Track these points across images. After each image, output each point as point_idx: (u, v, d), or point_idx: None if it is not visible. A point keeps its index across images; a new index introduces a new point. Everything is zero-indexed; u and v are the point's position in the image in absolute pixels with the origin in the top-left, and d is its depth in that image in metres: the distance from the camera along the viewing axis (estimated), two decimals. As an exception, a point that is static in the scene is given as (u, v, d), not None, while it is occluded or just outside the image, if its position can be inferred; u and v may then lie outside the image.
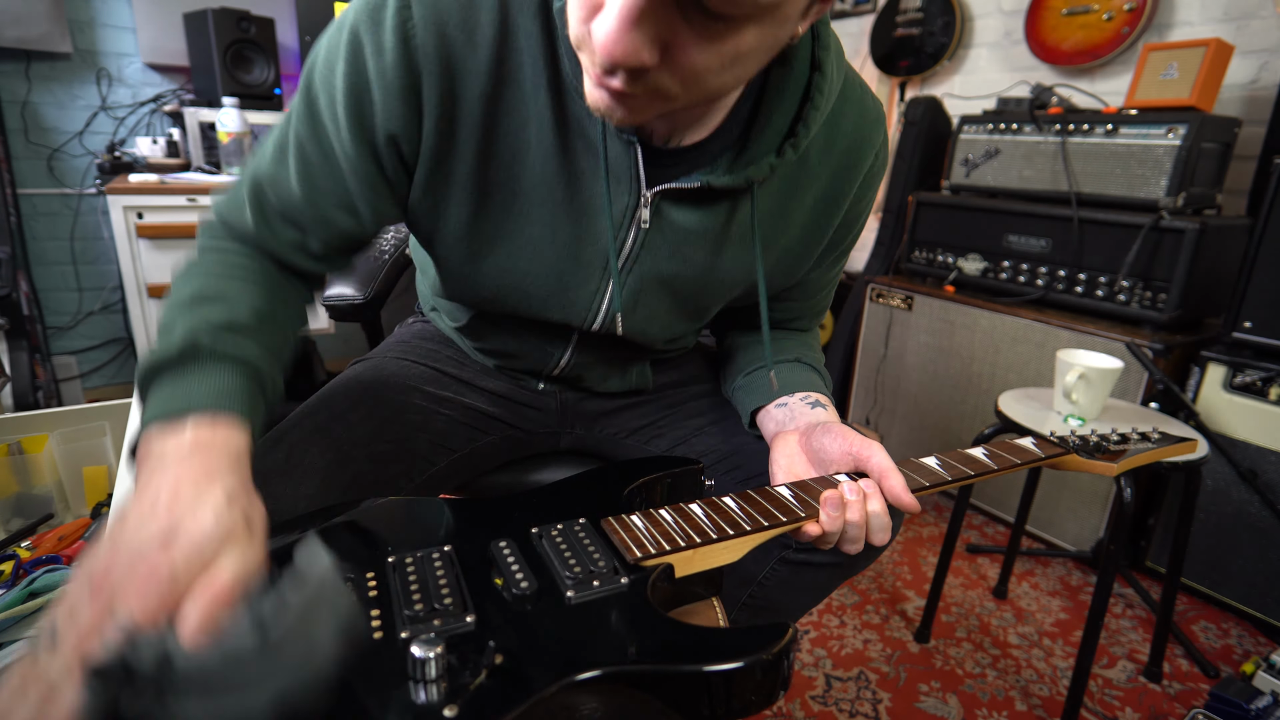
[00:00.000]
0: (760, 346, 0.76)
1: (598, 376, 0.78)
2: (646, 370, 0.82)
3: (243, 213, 0.58)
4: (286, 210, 0.57)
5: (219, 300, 0.52)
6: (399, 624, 0.41)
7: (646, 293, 0.65)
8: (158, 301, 1.74)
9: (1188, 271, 1.49)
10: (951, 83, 2.36)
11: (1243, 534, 1.45)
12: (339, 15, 0.55)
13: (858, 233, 0.72)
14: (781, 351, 0.75)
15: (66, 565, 0.88)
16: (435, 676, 0.37)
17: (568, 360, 0.74)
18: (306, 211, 0.57)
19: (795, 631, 0.43)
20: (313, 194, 0.56)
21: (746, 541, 0.53)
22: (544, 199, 0.58)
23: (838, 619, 1.46)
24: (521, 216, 0.59)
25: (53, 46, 1.93)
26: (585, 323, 0.67)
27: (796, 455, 0.64)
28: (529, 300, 0.64)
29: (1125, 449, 0.72)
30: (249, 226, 0.58)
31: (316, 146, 0.55)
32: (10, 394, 1.81)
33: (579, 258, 0.61)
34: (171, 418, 0.44)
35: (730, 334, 0.83)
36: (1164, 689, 1.31)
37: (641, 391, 0.83)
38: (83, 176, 2.12)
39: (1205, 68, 1.51)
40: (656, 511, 0.54)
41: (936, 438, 1.97)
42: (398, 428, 0.69)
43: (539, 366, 0.76)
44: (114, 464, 1.10)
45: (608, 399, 0.82)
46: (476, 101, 0.53)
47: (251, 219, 0.58)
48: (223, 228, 0.60)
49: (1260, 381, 1.40)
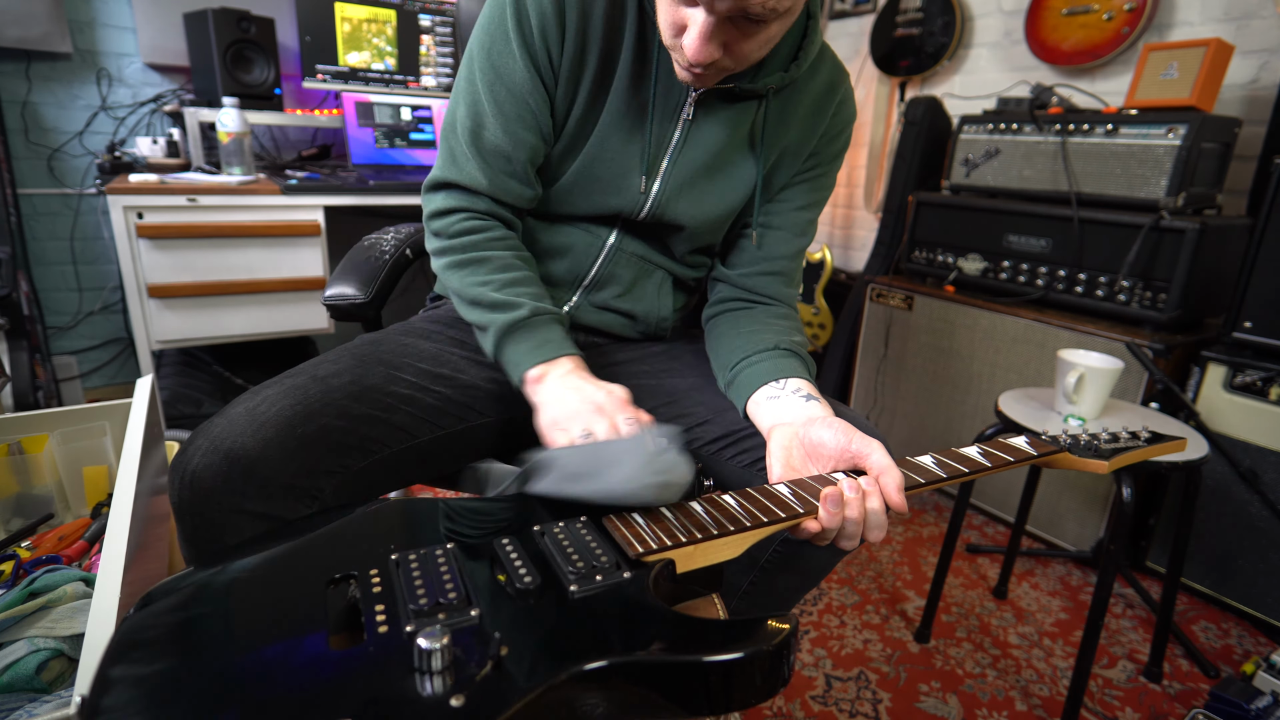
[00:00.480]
0: (740, 337, 0.82)
1: (627, 278, 0.87)
2: (668, 287, 0.90)
3: (468, 166, 0.75)
4: (497, 145, 0.74)
5: (518, 270, 0.75)
6: (404, 618, 0.41)
7: (687, 177, 0.79)
8: (158, 301, 1.74)
9: (1188, 271, 1.49)
10: (951, 83, 2.36)
11: (1243, 534, 1.45)
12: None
13: (831, 168, 0.86)
14: (759, 343, 0.79)
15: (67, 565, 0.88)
16: (441, 668, 0.37)
17: (609, 250, 0.84)
18: (506, 140, 0.74)
19: (796, 623, 0.43)
20: (507, 123, 0.74)
21: (746, 537, 0.54)
22: (622, 104, 0.75)
23: (838, 619, 1.46)
24: (607, 115, 0.76)
25: (53, 46, 1.93)
26: (637, 206, 0.80)
27: (794, 448, 0.66)
28: (596, 184, 0.79)
29: (1117, 447, 0.73)
30: (480, 178, 0.75)
31: (500, 84, 0.73)
32: (10, 394, 1.81)
33: (636, 144, 0.77)
34: (548, 359, 0.70)
35: (716, 319, 0.88)
36: (1164, 689, 1.31)
37: (657, 338, 0.93)
38: (83, 176, 2.12)
39: (1205, 68, 1.51)
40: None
41: (937, 438, 1.97)
42: (379, 396, 0.71)
43: (576, 268, 0.85)
44: (114, 464, 1.10)
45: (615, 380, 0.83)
46: (600, 23, 0.72)
47: (479, 168, 0.75)
48: (458, 196, 0.76)
49: (1260, 381, 1.40)
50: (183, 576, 0.46)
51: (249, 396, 0.65)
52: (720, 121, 0.78)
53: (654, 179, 0.79)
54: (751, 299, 0.86)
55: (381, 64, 2.23)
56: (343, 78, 2.17)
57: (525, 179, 0.77)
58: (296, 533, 0.52)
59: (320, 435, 0.64)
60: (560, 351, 0.71)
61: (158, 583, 0.45)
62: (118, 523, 0.70)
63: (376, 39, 2.20)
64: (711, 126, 0.78)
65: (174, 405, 1.85)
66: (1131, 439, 0.76)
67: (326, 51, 2.13)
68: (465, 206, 0.77)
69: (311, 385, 0.67)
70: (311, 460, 0.63)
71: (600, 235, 0.84)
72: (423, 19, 2.26)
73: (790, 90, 0.79)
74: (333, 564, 0.47)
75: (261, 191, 1.80)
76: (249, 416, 0.62)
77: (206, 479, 0.58)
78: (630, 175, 0.78)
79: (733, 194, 0.83)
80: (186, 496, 0.59)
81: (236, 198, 1.77)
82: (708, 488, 0.64)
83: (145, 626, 0.41)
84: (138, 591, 0.73)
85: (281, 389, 0.66)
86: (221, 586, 0.46)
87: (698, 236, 0.85)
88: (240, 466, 0.59)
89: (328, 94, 2.32)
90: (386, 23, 2.20)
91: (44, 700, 0.65)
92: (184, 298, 1.77)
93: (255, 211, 1.80)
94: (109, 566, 0.64)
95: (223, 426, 0.61)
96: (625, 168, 0.78)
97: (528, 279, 0.75)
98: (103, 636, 0.55)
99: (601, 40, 0.73)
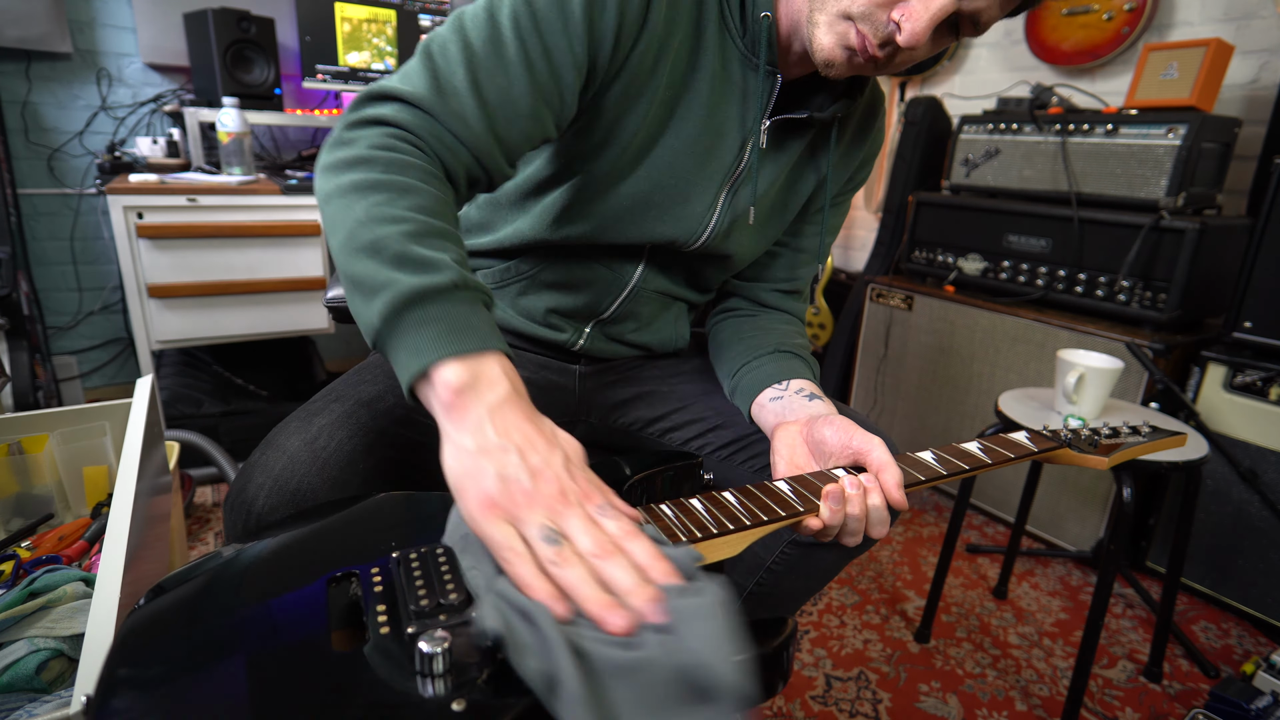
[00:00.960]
0: (743, 343, 0.81)
1: (646, 314, 0.81)
2: (685, 315, 0.86)
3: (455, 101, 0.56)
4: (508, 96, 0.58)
5: (447, 222, 0.52)
6: (405, 619, 0.41)
7: (748, 208, 0.73)
8: (158, 301, 1.74)
9: (1188, 271, 1.49)
10: (951, 82, 2.36)
11: (1243, 534, 1.45)
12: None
13: (856, 191, 0.84)
14: (761, 346, 0.78)
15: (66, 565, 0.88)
16: (443, 671, 0.37)
17: (634, 284, 0.77)
18: (525, 100, 0.58)
19: (795, 625, 0.43)
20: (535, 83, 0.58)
21: (746, 536, 0.53)
22: (699, 123, 0.67)
23: (838, 619, 1.46)
24: (676, 133, 0.67)
25: (53, 46, 1.93)
26: (693, 236, 0.72)
27: (798, 446, 0.66)
28: (652, 210, 0.70)
29: (1117, 443, 0.73)
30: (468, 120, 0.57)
31: (537, 37, 0.57)
32: (10, 394, 1.81)
33: (706, 170, 0.69)
34: (467, 352, 0.46)
35: (719, 325, 0.87)
36: (1164, 689, 1.31)
37: (676, 353, 0.88)
38: (83, 176, 2.12)
39: (1205, 68, 1.51)
40: (657, 506, 0.54)
41: (937, 438, 1.97)
42: (424, 418, 0.69)
43: (593, 305, 0.77)
44: (114, 464, 1.10)
45: (625, 385, 0.83)
46: (685, 28, 0.64)
47: (473, 108, 0.57)
48: (412, 116, 0.55)
49: (1260, 381, 1.40)
50: (193, 567, 0.46)
51: (302, 425, 0.62)
52: (786, 150, 0.74)
53: (714, 208, 0.73)
54: (759, 309, 0.86)
55: (381, 64, 2.23)
56: (343, 78, 2.17)
57: (517, 152, 0.60)
58: (304, 521, 0.52)
59: (378, 470, 0.63)
60: (486, 345, 0.47)
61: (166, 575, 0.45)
62: (118, 523, 0.70)
63: (376, 39, 2.20)
64: (778, 155, 0.73)
65: (174, 405, 1.85)
66: (1132, 433, 0.76)
67: (326, 51, 2.13)
68: (415, 130, 0.55)
69: (362, 412, 0.66)
70: (377, 488, 0.62)
71: (623, 272, 0.77)
72: (423, 19, 2.26)
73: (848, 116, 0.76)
74: (335, 559, 0.47)
75: (261, 191, 1.80)
76: (310, 452, 0.60)
77: (274, 519, 0.57)
78: (693, 203, 0.71)
79: (787, 224, 0.80)
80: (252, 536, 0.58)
81: (236, 198, 1.77)
82: (708, 483, 0.64)
83: (151, 620, 0.41)
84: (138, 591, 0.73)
85: (334, 418, 0.64)
86: (226, 582, 0.45)
87: (739, 265, 0.82)
88: (309, 503, 0.58)
89: (328, 94, 2.32)
90: (386, 23, 2.20)
91: (44, 700, 0.65)
92: (184, 298, 1.77)
93: (255, 211, 1.80)
94: (109, 566, 0.64)
95: (283, 464, 0.59)
96: (690, 194, 0.70)
97: (455, 239, 0.53)
98: (103, 636, 0.55)
99: (688, 53, 0.65)
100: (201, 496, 1.80)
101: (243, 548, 0.48)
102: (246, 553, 0.48)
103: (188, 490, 1.75)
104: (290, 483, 0.57)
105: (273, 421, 1.93)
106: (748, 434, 0.78)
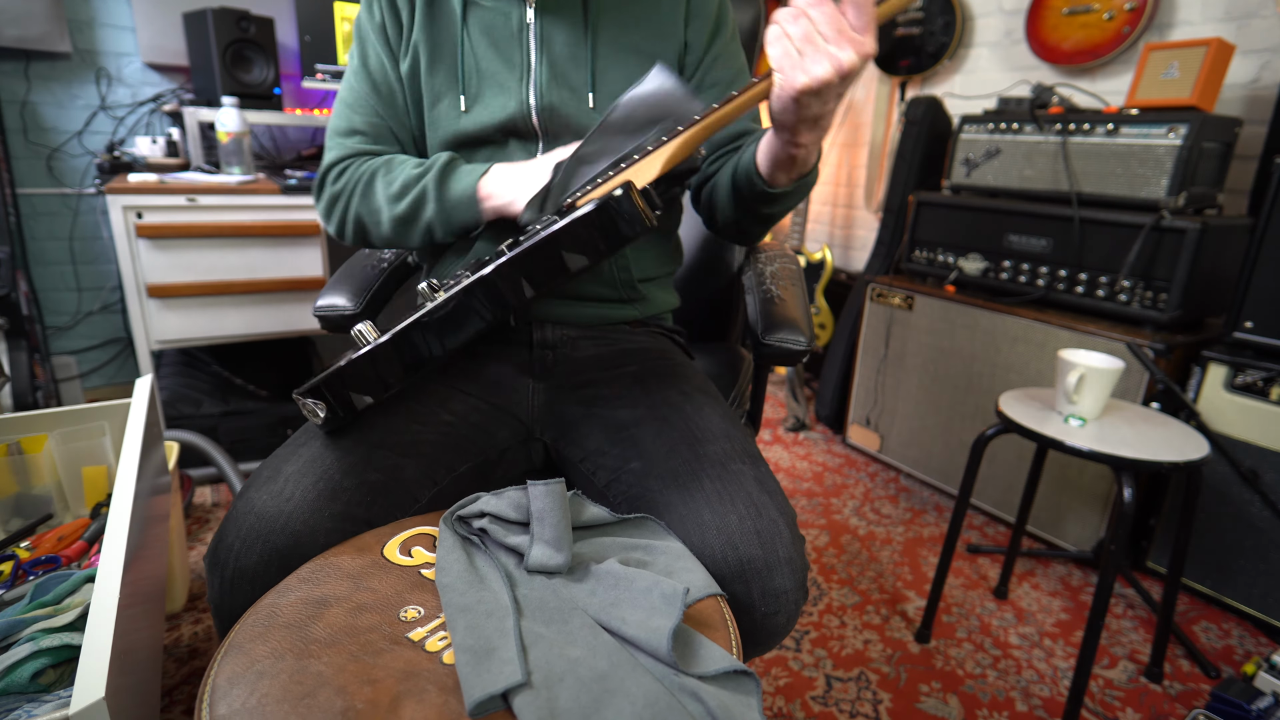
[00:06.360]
0: (729, 165, 0.82)
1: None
2: (626, 259, 0.84)
3: (356, 121, 0.84)
4: (374, 121, 0.85)
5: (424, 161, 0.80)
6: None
7: (555, 70, 0.80)
8: (157, 301, 1.74)
9: (1189, 271, 1.49)
10: (952, 82, 2.36)
11: (1244, 534, 1.44)
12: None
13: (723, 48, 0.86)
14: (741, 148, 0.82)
15: (66, 565, 0.87)
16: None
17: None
18: (385, 117, 0.85)
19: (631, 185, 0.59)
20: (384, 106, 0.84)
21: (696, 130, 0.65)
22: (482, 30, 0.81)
23: (838, 619, 1.46)
24: (467, 45, 0.81)
25: (52, 46, 1.93)
26: (525, 103, 0.79)
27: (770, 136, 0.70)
28: (487, 100, 0.80)
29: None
30: (372, 119, 0.84)
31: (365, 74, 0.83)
32: (10, 394, 1.81)
33: (509, 59, 0.80)
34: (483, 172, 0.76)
35: (711, 181, 0.88)
36: (1165, 689, 1.31)
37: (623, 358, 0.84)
38: (82, 176, 2.12)
39: (1206, 67, 1.51)
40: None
41: (937, 438, 1.97)
42: (394, 444, 0.70)
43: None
44: (113, 464, 1.10)
45: (582, 389, 0.81)
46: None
47: (364, 120, 0.84)
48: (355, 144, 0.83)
49: (1261, 381, 1.40)
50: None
51: (269, 478, 0.64)
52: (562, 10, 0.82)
53: (528, 77, 0.83)
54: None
55: (381, 64, 2.23)
56: (342, 77, 2.17)
57: (406, 131, 0.84)
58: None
59: (346, 512, 0.64)
60: (488, 167, 0.76)
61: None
62: (117, 523, 0.70)
63: (376, 39, 2.19)
64: (555, 20, 0.81)
65: (174, 405, 1.85)
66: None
67: (326, 51, 2.12)
68: (361, 149, 0.82)
69: (327, 455, 0.66)
70: (347, 530, 0.64)
71: (526, 151, 0.83)
72: (423, 19, 2.26)
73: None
74: None
75: (261, 191, 1.79)
76: (276, 503, 0.62)
77: (249, 572, 0.60)
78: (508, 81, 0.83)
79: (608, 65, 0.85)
80: (226, 593, 0.60)
81: (236, 197, 1.77)
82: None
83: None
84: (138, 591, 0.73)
85: (299, 465, 0.65)
86: None
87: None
88: (279, 557, 0.60)
89: (327, 94, 2.32)
90: (386, 22, 2.19)
91: (43, 701, 0.65)
92: (183, 298, 1.76)
93: (255, 211, 1.80)
94: (109, 566, 0.64)
95: (251, 522, 0.61)
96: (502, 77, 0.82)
97: (418, 161, 0.80)
98: (103, 636, 0.55)
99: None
100: (201, 496, 1.80)
101: None
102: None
103: (187, 490, 1.75)
104: (257, 542, 0.61)
105: (273, 421, 1.94)
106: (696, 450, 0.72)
